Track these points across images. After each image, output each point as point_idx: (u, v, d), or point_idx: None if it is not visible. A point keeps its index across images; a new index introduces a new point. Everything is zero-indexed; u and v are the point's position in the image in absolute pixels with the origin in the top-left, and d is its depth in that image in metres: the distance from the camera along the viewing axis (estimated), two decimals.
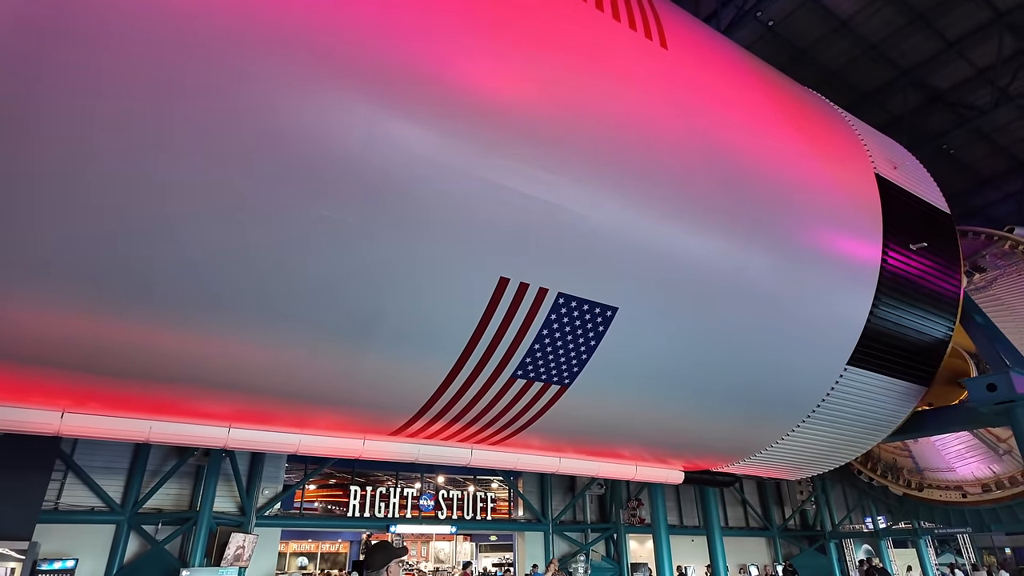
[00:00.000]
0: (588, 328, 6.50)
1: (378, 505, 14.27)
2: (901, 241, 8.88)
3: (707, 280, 6.87)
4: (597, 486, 17.64)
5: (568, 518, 17.87)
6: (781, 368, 8.06)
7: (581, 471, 9.53)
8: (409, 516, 14.74)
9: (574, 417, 7.57)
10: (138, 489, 11.99)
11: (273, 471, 13.77)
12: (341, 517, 14.26)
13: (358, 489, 14.14)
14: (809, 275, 7.71)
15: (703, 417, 8.29)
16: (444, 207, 5.11)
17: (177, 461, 12.31)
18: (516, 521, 17.14)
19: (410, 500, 14.70)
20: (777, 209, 7.34)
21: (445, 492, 15.34)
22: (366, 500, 14.18)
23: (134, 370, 5.50)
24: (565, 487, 18.13)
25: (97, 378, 5.53)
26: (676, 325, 6.98)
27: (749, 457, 9.69)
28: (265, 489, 13.59)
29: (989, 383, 8.55)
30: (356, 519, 14.08)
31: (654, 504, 13.70)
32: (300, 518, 13.97)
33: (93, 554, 11.20)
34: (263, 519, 13.22)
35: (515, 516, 17.32)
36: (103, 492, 11.67)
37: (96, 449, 11.84)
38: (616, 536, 17.42)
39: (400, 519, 14.62)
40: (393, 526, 14.46)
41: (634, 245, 6.25)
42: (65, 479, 11.50)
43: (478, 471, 16.80)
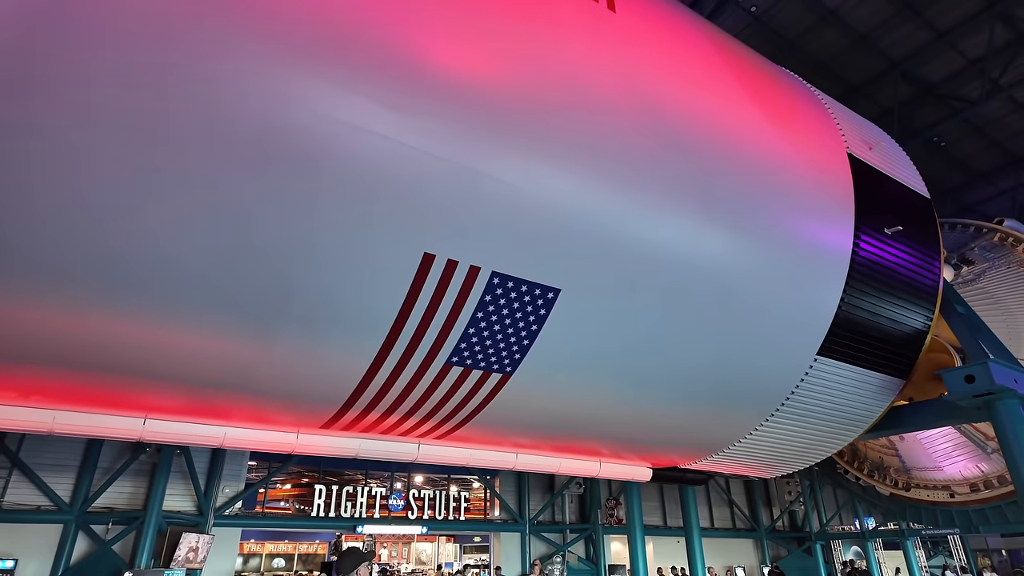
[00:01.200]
0: (528, 311, 6.03)
1: (344, 505, 13.78)
2: (875, 225, 8.41)
3: (659, 261, 6.40)
4: (576, 485, 17.15)
5: (547, 518, 17.38)
6: (745, 357, 7.59)
7: (540, 467, 9.05)
8: (377, 516, 14.24)
9: (521, 408, 7.10)
10: (88, 487, 11.51)
11: (235, 469, 13.30)
12: (304, 517, 13.78)
13: (323, 488, 13.65)
14: (773, 257, 7.23)
15: (662, 410, 7.82)
16: (357, 172, 4.63)
17: (129, 458, 11.83)
18: (492, 521, 16.65)
19: (378, 500, 14.20)
20: (736, 185, 6.87)
21: (416, 492, 14.84)
22: (332, 500, 13.67)
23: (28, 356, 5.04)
24: (544, 487, 17.65)
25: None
26: (625, 310, 6.50)
27: (717, 453, 9.22)
28: (226, 488, 13.10)
29: (967, 374, 8.08)
30: (321, 519, 13.60)
31: (629, 503, 13.23)
32: (262, 518, 13.48)
33: (37, 555, 10.71)
34: (222, 519, 12.73)
35: (491, 516, 16.83)
36: (50, 490, 11.19)
37: (45, 446, 11.36)
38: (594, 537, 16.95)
39: (367, 519, 14.12)
40: (360, 526, 13.98)
41: (577, 221, 5.78)
42: (10, 476, 11.01)
43: (453, 470, 16.32)
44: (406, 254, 5.16)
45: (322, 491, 13.63)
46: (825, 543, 21.30)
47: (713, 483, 21.75)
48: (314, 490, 13.63)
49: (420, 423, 6.96)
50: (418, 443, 7.91)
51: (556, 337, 6.34)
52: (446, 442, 7.94)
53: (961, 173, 22.09)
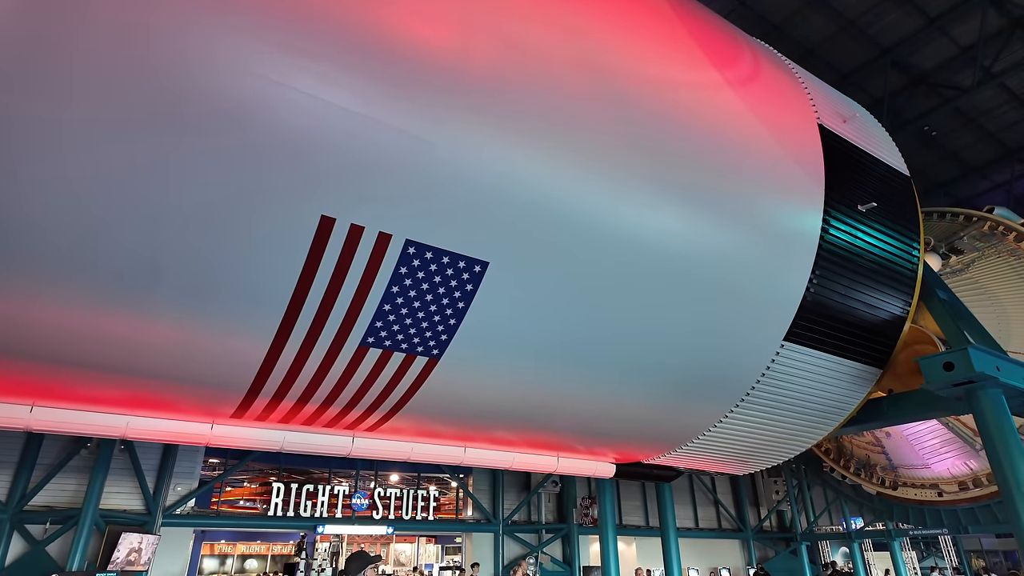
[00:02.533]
0: (453, 287, 5.44)
1: (305, 504, 13.18)
2: (848, 202, 7.83)
3: (604, 236, 5.81)
4: (551, 484, 16.55)
5: (522, 518, 16.78)
6: (704, 342, 7.00)
7: (490, 462, 8.46)
8: (340, 516, 13.63)
9: (456, 397, 6.51)
10: (26, 484, 10.90)
11: (188, 466, 12.70)
12: (261, 516, 13.18)
13: (281, 486, 13.05)
14: (733, 234, 6.65)
15: (615, 400, 7.22)
16: (233, 118, 4.04)
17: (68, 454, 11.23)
18: (464, 521, 16.05)
19: (341, 499, 13.61)
20: (691, 155, 6.28)
21: (382, 490, 14.24)
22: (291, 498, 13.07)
23: None
24: (520, 485, 17.05)
25: None
26: (567, 288, 5.91)
27: (681, 446, 8.62)
28: (178, 486, 12.50)
29: (946, 362, 7.50)
30: (278, 519, 12.99)
31: (601, 501, 12.64)
32: (215, 517, 12.88)
33: None
34: (173, 518, 12.13)
35: (464, 516, 16.24)
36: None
37: None
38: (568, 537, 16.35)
39: (329, 519, 13.51)
40: (321, 526, 13.37)
41: (506, 186, 5.20)
42: None
43: (424, 468, 15.72)
44: (299, 217, 4.57)
45: (280, 489, 13.02)
46: (810, 544, 20.69)
47: (698, 482, 21.15)
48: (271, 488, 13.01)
49: (343, 412, 6.37)
50: (351, 436, 7.32)
51: (487, 317, 5.75)
52: (381, 434, 7.34)
53: (955, 166, 21.54)
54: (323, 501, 13.43)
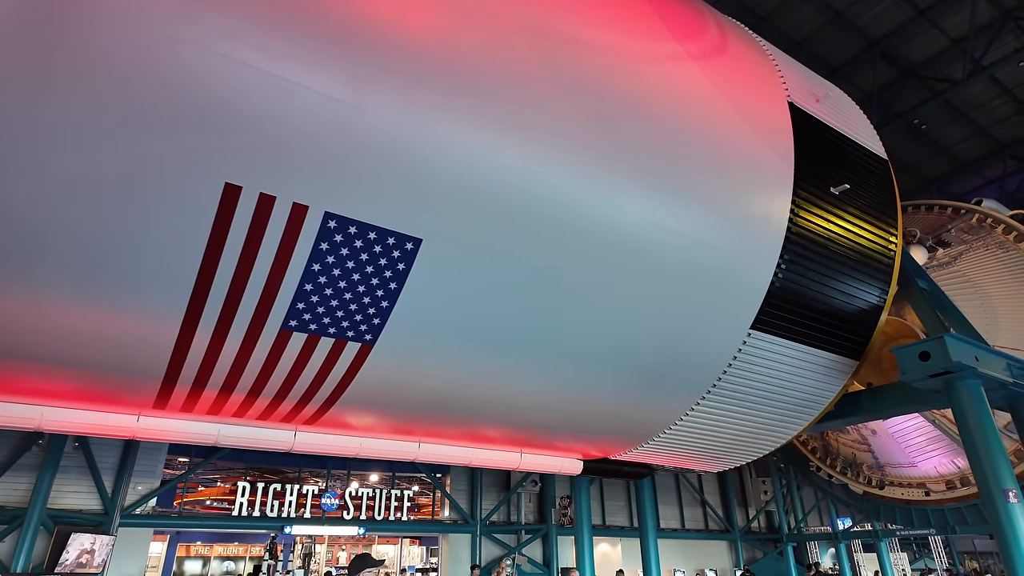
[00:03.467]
0: (383, 265, 5.05)
1: (272, 504, 12.76)
2: (819, 184, 7.45)
3: (553, 214, 5.43)
4: (531, 483, 16.15)
5: (502, 518, 16.35)
6: (665, 328, 6.61)
7: (446, 458, 8.06)
8: (308, 516, 13.20)
9: (396, 386, 6.11)
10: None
11: (149, 464, 12.28)
12: (225, 517, 12.75)
13: (247, 486, 12.63)
14: (693, 215, 6.27)
15: (570, 390, 6.84)
16: (113, 69, 3.65)
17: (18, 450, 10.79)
18: (441, 522, 15.63)
19: (310, 499, 13.19)
20: (647, 130, 5.91)
21: (353, 490, 13.82)
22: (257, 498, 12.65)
23: None
24: (500, 485, 16.63)
25: None
26: (511, 270, 5.53)
27: (647, 441, 8.23)
28: (138, 485, 12.07)
29: (922, 351, 7.12)
30: (243, 519, 12.57)
31: (577, 500, 12.24)
32: (177, 517, 12.45)
33: None
34: (132, 518, 11.70)
35: (441, 517, 15.81)
36: None
37: None
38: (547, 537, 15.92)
39: (296, 519, 13.08)
40: (288, 527, 12.94)
41: (441, 156, 4.81)
42: None
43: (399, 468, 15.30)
44: (199, 184, 4.18)
45: (245, 488, 12.60)
46: (797, 545, 20.28)
47: (684, 482, 20.76)
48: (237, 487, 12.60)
49: (275, 403, 5.97)
50: (293, 429, 6.92)
51: (424, 300, 5.36)
52: (324, 428, 6.95)
53: (947, 162, 21.20)
54: (291, 501, 13.00)
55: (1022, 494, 6.80)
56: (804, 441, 17.01)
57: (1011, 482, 6.76)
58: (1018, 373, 7.73)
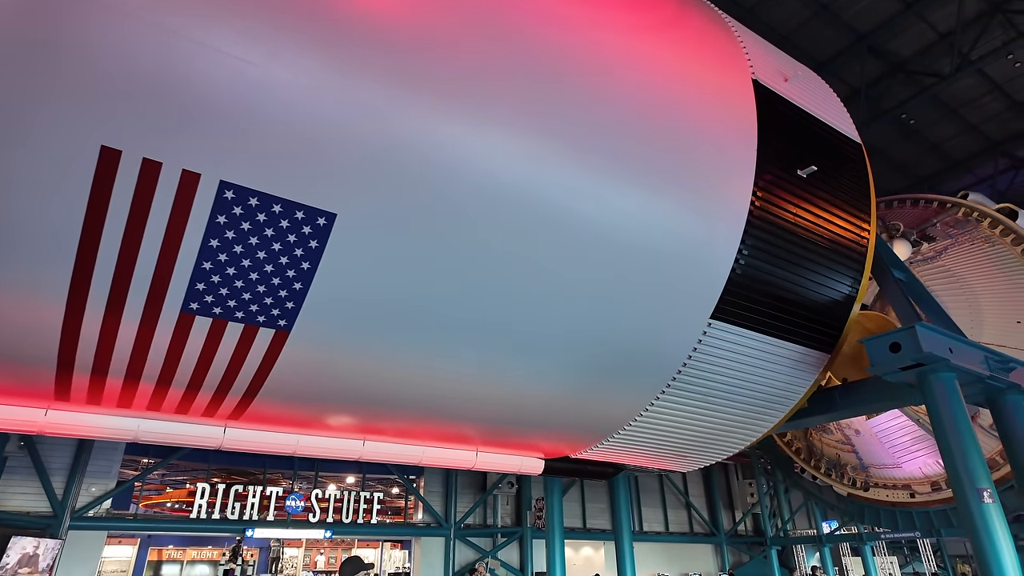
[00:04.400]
0: (292, 243, 4.63)
1: (233, 506, 12.30)
2: (784, 166, 7.05)
3: (485, 188, 5.01)
4: (508, 485, 15.71)
5: (478, 521, 15.92)
6: (614, 316, 6.20)
7: (395, 457, 7.63)
8: (272, 519, 12.75)
9: (320, 378, 5.69)
10: None
11: (104, 465, 11.83)
12: (183, 519, 12.30)
13: (206, 487, 12.17)
14: (643, 192, 5.86)
15: (515, 383, 6.41)
16: None
17: None
18: (414, 525, 15.18)
19: (274, 500, 12.73)
20: (592, 98, 5.50)
21: (320, 492, 13.37)
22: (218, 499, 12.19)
23: None
24: (476, 487, 16.20)
25: None
26: (444, 250, 5.11)
27: (606, 439, 7.81)
28: (92, 486, 11.62)
29: (892, 342, 6.71)
30: (203, 521, 12.11)
31: (549, 501, 11.82)
32: (132, 520, 11.99)
33: None
34: (83, 520, 11.25)
35: (414, 519, 15.37)
36: None
37: None
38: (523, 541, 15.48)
39: (259, 522, 12.63)
40: (250, 530, 12.49)
41: (357, 124, 4.40)
42: None
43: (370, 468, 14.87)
44: (70, 147, 3.76)
45: (205, 490, 12.15)
46: (781, 549, 19.84)
47: (668, 484, 20.33)
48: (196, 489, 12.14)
49: (190, 395, 5.54)
50: (222, 425, 6.48)
51: (341, 281, 4.94)
52: (255, 424, 6.52)
53: (938, 160, 20.85)
54: (254, 503, 12.55)
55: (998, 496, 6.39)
56: (788, 441, 16.60)
57: (986, 481, 6.35)
58: (996, 367, 7.32)
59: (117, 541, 18.77)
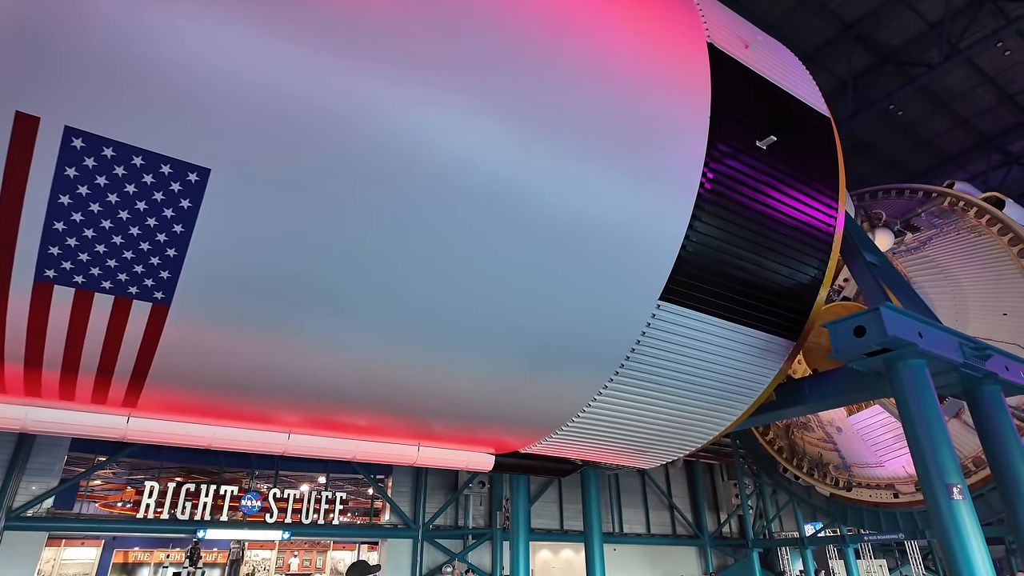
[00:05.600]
0: (159, 202, 4.10)
1: (183, 505, 11.73)
2: (742, 136, 6.52)
3: (398, 151, 4.48)
4: (479, 484, 15.16)
5: (449, 522, 15.34)
6: (551, 295, 5.66)
7: (324, 451, 7.08)
8: (225, 519, 12.18)
9: (219, 357, 5.14)
10: None
11: (47, 462, 11.27)
12: (129, 520, 11.74)
13: (154, 485, 11.61)
14: (580, 160, 5.32)
15: (443, 368, 5.87)
16: None
17: None
18: (380, 526, 14.60)
19: (228, 500, 12.16)
20: (522, 56, 4.98)
21: (278, 491, 12.80)
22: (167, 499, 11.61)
23: None
24: (448, 487, 15.63)
25: None
26: (348, 215, 4.57)
27: (555, 432, 7.26)
28: (32, 484, 11.06)
29: (857, 325, 6.18)
30: (149, 522, 11.54)
31: (514, 500, 11.27)
32: (75, 520, 11.42)
33: None
34: (20, 521, 10.69)
35: (382, 520, 14.80)
36: None
37: None
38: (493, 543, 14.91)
39: (211, 522, 12.06)
40: (202, 530, 11.93)
41: (238, 67, 3.87)
42: None
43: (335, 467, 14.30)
44: None
45: (153, 488, 11.58)
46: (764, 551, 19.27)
47: (650, 484, 19.75)
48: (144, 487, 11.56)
49: (68, 377, 4.99)
50: (125, 415, 5.94)
51: (223, 247, 4.40)
52: (161, 414, 5.97)
53: (930, 155, 20.37)
54: (206, 503, 11.97)
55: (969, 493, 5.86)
56: (771, 440, 16.07)
57: (955, 476, 5.82)
58: (972, 355, 6.79)
59: (80, 543, 18.21)
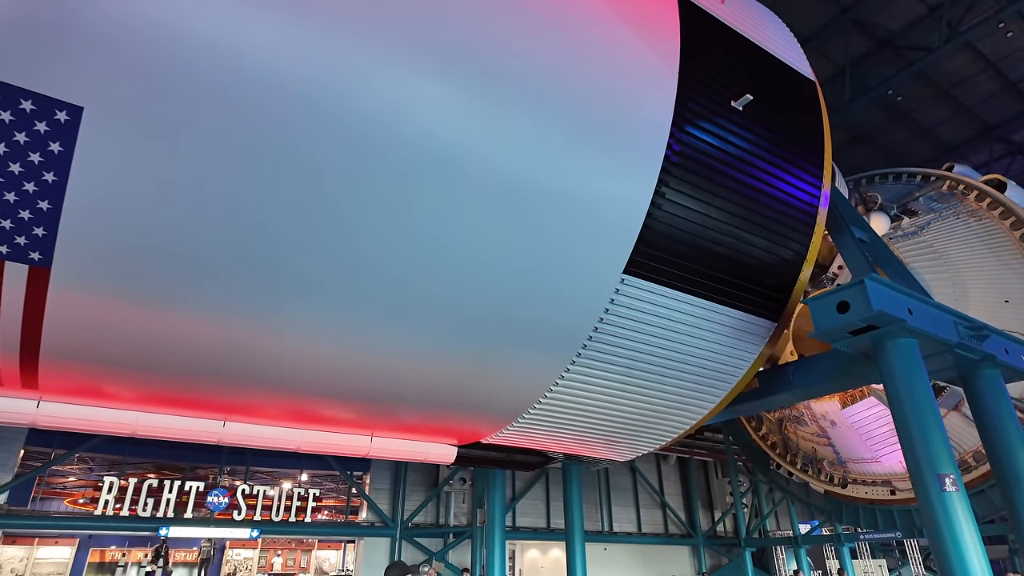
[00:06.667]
0: (22, 144, 3.56)
1: (145, 501, 11.21)
2: (716, 96, 5.96)
3: (297, 92, 3.94)
4: (460, 481, 14.61)
5: (430, 520, 14.80)
6: (503, 267, 5.11)
7: (265, 441, 6.53)
8: (190, 516, 11.64)
9: (122, 333, 4.59)
10: None
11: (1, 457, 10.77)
12: (86, 517, 11.22)
13: (114, 481, 11.09)
14: (532, 120, 4.77)
15: (382, 349, 5.31)
16: None
17: None
18: (356, 524, 14.07)
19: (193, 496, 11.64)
20: (468, 5, 4.44)
21: (247, 487, 12.26)
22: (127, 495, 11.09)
23: None
24: (428, 484, 15.09)
25: None
26: (259, 169, 4.02)
27: (516, 420, 6.70)
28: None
29: (840, 300, 5.62)
30: (110, 519, 11.02)
31: (491, 496, 10.72)
32: (28, 517, 10.90)
33: None
34: None
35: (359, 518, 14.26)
36: None
37: None
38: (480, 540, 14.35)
39: (175, 520, 11.52)
40: (164, 528, 11.40)
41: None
42: None
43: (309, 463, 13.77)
44: None
45: (113, 484, 11.05)
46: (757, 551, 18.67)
47: (642, 481, 19.18)
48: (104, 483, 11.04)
49: None
50: (35, 399, 5.40)
51: (109, 201, 3.86)
52: (74, 398, 5.43)
53: (931, 146, 19.75)
54: (169, 499, 11.43)
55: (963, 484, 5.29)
56: (764, 435, 15.49)
57: (948, 465, 5.25)
58: (967, 335, 6.22)
59: (54, 542, 17.73)
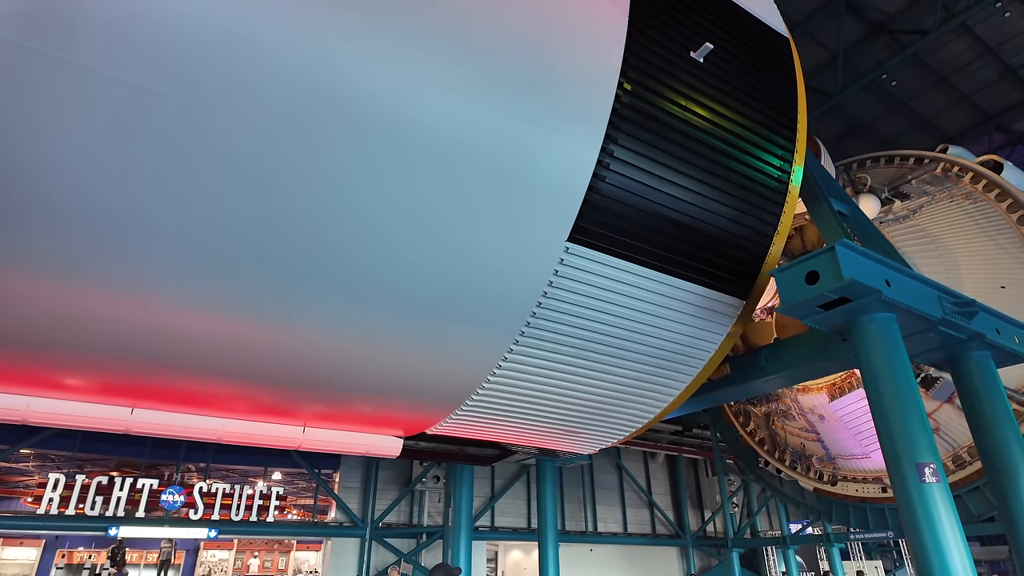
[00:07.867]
0: None
1: (93, 500, 10.65)
2: (671, 46, 5.37)
3: (209, 37, 3.37)
4: (433, 479, 14.03)
5: (403, 520, 14.22)
6: (429, 231, 4.52)
7: (179, 430, 5.95)
8: (142, 515, 11.07)
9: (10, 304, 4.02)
10: None
11: None
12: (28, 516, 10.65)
13: (60, 478, 10.52)
14: (453, 68, 4.20)
15: (296, 324, 4.72)
16: None
17: None
18: (324, 524, 13.49)
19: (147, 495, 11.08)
20: None
21: (205, 485, 11.69)
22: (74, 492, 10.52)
23: None
24: (401, 482, 14.51)
25: None
26: (153, 116, 3.45)
27: (459, 408, 6.10)
28: None
29: (809, 271, 5.02)
30: (54, 518, 10.46)
31: (458, 494, 10.15)
32: None
33: None
34: None
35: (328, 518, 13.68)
36: None
37: None
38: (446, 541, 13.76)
39: (125, 519, 10.94)
40: (113, 528, 10.81)
41: None
42: None
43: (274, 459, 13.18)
44: None
45: (58, 481, 10.48)
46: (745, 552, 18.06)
47: (628, 480, 18.58)
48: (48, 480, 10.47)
49: None
50: None
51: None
52: None
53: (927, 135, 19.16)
54: (120, 497, 10.86)
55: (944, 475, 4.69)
56: (752, 431, 14.89)
57: (929, 454, 4.66)
58: (953, 311, 5.62)
59: (19, 542, 17.21)
